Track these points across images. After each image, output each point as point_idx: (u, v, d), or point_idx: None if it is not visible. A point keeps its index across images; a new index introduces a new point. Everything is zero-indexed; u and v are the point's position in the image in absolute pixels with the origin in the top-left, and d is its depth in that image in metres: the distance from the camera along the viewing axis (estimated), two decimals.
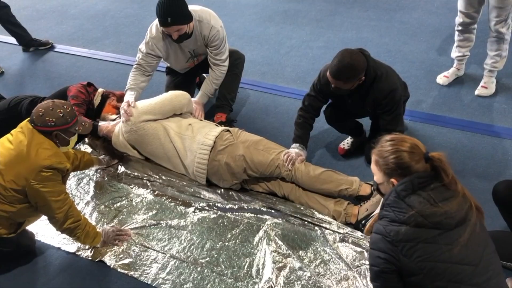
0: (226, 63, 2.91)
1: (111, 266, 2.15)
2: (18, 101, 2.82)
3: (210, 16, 2.74)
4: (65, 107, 2.01)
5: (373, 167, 1.63)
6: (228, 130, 2.55)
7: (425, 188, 1.45)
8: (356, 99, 2.34)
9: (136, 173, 2.67)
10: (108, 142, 2.73)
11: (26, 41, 4.18)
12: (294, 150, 2.41)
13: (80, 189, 2.61)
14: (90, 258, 2.19)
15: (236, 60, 2.99)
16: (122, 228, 2.33)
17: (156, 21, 2.68)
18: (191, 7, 2.69)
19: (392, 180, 1.54)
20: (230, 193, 2.50)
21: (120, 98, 2.92)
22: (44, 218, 2.14)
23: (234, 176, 2.43)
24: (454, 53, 3.23)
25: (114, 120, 2.81)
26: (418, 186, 1.45)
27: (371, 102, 2.31)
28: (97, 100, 2.90)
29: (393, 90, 2.25)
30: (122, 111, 2.58)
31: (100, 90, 2.94)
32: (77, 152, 2.47)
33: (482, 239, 1.46)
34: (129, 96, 2.71)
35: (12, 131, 2.04)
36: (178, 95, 2.66)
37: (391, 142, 1.55)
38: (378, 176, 1.61)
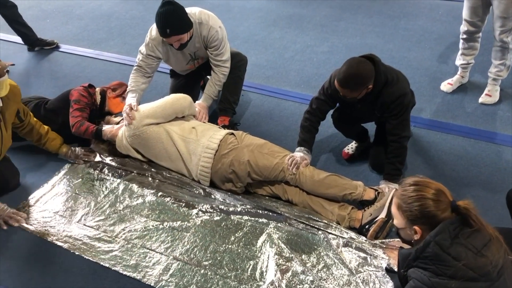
0: (228, 64, 2.90)
1: (114, 268, 2.15)
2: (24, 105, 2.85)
3: (209, 17, 2.73)
4: None
5: (394, 210, 1.58)
6: (232, 133, 2.55)
7: (462, 236, 1.40)
8: (366, 103, 2.34)
9: (139, 173, 2.67)
10: (113, 146, 2.75)
11: (32, 41, 4.19)
12: (299, 154, 2.41)
13: (84, 188, 2.62)
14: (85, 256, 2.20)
15: (239, 62, 2.97)
16: (18, 212, 2.45)
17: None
18: (190, 10, 2.68)
19: (416, 228, 1.49)
20: (234, 196, 2.50)
21: (115, 88, 2.96)
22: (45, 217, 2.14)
23: (238, 179, 2.43)
24: (459, 60, 3.25)
25: (118, 123, 2.82)
26: (454, 233, 1.40)
27: (379, 106, 2.31)
28: (98, 98, 2.93)
29: (402, 95, 2.26)
30: (124, 115, 2.59)
31: (98, 89, 2.97)
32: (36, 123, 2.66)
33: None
34: (130, 99, 2.71)
35: None
36: (179, 98, 2.65)
37: (415, 187, 1.49)
38: (399, 221, 1.56)
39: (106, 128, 2.74)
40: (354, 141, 2.77)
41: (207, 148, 2.45)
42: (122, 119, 2.70)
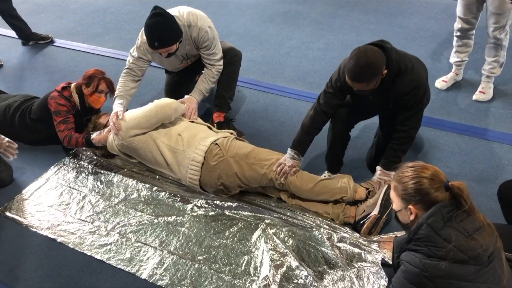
0: (221, 62, 2.87)
1: (108, 262, 2.16)
2: (11, 113, 2.86)
3: (197, 18, 2.68)
4: None
5: (392, 194, 1.61)
6: (216, 144, 2.47)
7: (454, 219, 1.42)
8: (379, 95, 2.15)
9: (134, 169, 2.67)
10: (105, 149, 2.73)
11: (26, 35, 4.16)
12: (289, 161, 2.32)
13: (78, 182, 2.62)
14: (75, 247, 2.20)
15: (233, 58, 2.94)
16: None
17: None
18: (178, 11, 2.65)
19: (410, 207, 1.52)
20: None
21: (88, 83, 2.76)
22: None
23: (227, 190, 2.43)
24: (453, 58, 3.26)
25: (105, 125, 2.77)
26: (447, 217, 1.43)
27: (392, 98, 2.15)
28: (76, 98, 2.79)
29: (417, 86, 2.08)
30: (111, 123, 2.57)
31: (72, 86, 2.81)
32: None
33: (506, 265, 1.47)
34: (117, 106, 2.65)
35: None
36: (163, 106, 2.57)
37: (412, 169, 1.52)
38: (396, 203, 1.59)
39: (94, 135, 2.69)
40: (326, 170, 2.61)
41: (193, 160, 2.43)
42: (108, 121, 2.67)
